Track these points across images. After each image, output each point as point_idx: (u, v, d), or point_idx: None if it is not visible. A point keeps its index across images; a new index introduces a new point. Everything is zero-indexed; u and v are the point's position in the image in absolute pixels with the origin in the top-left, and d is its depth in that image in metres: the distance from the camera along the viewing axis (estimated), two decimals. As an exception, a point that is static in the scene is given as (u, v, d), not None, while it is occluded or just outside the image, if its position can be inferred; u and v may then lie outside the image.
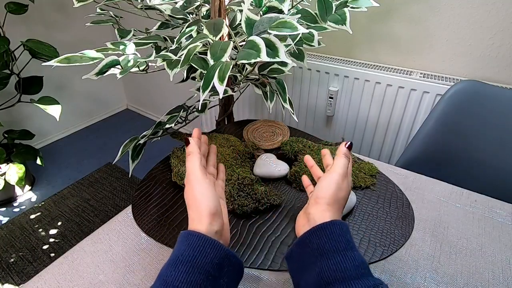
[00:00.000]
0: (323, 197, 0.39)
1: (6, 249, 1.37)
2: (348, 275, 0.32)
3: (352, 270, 0.32)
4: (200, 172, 0.39)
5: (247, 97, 1.45)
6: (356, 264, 0.33)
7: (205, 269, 0.32)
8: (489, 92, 0.77)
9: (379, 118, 1.15)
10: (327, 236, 0.35)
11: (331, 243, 0.35)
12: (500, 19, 0.90)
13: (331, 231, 0.35)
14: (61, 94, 2.04)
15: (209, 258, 0.33)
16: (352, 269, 0.32)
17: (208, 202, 0.37)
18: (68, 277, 0.47)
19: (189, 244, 0.34)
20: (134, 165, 0.70)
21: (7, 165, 1.49)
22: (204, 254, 0.33)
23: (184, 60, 0.50)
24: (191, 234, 0.34)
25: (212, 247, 0.34)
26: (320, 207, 0.39)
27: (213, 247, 0.34)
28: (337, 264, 0.33)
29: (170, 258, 0.34)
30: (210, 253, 0.33)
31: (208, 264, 0.33)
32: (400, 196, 0.61)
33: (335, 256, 0.33)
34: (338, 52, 1.22)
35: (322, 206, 0.39)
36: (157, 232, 0.53)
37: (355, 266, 0.33)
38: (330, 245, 0.34)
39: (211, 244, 0.34)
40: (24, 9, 1.40)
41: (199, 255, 0.33)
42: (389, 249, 0.50)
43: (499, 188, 0.75)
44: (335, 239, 0.35)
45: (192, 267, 0.32)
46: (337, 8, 0.65)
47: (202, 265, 0.32)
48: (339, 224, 0.36)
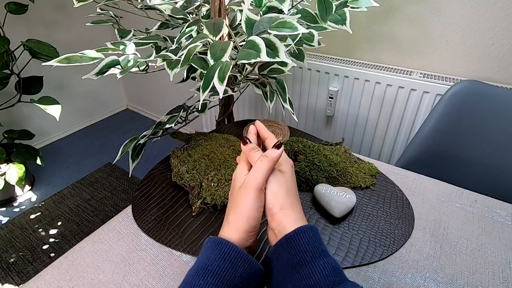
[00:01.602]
0: (272, 206, 0.36)
1: (6, 249, 1.37)
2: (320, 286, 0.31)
3: (322, 281, 0.31)
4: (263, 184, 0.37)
5: (247, 97, 1.45)
6: (325, 274, 0.31)
7: (234, 283, 0.31)
8: (489, 92, 0.77)
9: (379, 118, 1.15)
10: (293, 247, 0.33)
11: (298, 254, 0.33)
12: (500, 19, 0.90)
13: (296, 241, 0.33)
14: (61, 94, 2.04)
15: (239, 272, 0.32)
16: (322, 280, 0.31)
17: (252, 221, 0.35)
18: (68, 277, 0.47)
19: (220, 254, 0.32)
20: (134, 165, 0.70)
21: (7, 165, 1.49)
22: (234, 267, 0.32)
23: (184, 60, 0.50)
24: (223, 244, 0.33)
25: (243, 261, 0.33)
26: (277, 218, 0.36)
27: (244, 261, 0.33)
28: (307, 279, 0.31)
29: (197, 263, 0.33)
30: (240, 266, 0.32)
31: (238, 278, 0.32)
32: (400, 196, 0.61)
33: (304, 269, 0.32)
34: (338, 52, 1.22)
35: (278, 216, 0.36)
36: (157, 232, 0.53)
37: (325, 276, 0.31)
38: (298, 257, 0.33)
39: (243, 258, 0.33)
40: (24, 9, 1.40)
41: (229, 267, 0.32)
42: (389, 249, 0.50)
43: (499, 188, 0.75)
44: (301, 249, 0.33)
45: (221, 279, 0.31)
46: (337, 8, 0.65)
47: (231, 278, 0.31)
48: (304, 231, 0.34)
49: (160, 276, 0.47)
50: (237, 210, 0.36)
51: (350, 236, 0.52)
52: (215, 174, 0.60)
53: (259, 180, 0.36)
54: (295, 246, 0.33)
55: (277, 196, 0.37)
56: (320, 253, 0.33)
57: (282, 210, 0.36)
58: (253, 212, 0.35)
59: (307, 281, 0.31)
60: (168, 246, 0.51)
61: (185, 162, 0.63)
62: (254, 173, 0.37)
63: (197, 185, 0.59)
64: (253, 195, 0.36)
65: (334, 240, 0.52)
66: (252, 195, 0.35)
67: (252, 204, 0.35)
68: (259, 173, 0.36)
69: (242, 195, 0.36)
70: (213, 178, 0.59)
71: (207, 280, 0.31)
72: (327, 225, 0.55)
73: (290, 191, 0.38)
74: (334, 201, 0.55)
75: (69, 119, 2.16)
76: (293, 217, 0.36)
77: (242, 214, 0.35)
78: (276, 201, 0.36)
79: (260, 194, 0.36)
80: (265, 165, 0.37)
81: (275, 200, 0.36)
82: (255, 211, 0.36)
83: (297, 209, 0.37)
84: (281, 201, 0.36)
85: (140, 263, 0.49)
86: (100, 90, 2.29)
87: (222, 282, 0.31)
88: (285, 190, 0.37)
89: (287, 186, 0.38)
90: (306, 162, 0.64)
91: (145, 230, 0.54)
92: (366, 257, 0.49)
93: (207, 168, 0.61)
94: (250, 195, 0.36)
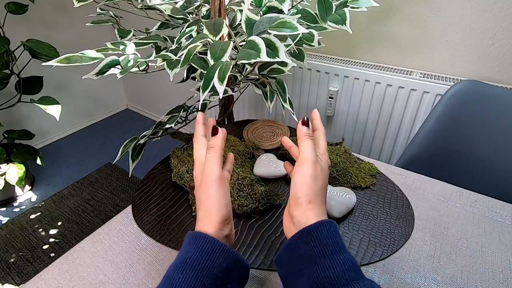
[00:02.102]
0: (302, 196, 0.36)
1: (6, 249, 1.37)
2: (338, 280, 0.31)
3: (341, 275, 0.31)
4: (219, 173, 0.37)
5: (247, 97, 1.45)
6: (345, 268, 0.31)
7: (213, 274, 0.32)
8: (489, 92, 0.77)
9: (379, 118, 1.15)
10: (313, 240, 0.33)
11: (318, 247, 0.33)
12: (500, 19, 0.90)
13: (317, 234, 0.33)
14: (61, 94, 2.04)
15: (217, 263, 0.32)
16: (342, 274, 0.31)
17: (222, 208, 0.36)
18: (68, 277, 0.47)
19: (198, 247, 0.33)
20: (134, 165, 0.70)
21: (7, 165, 1.49)
22: (213, 259, 0.32)
23: (184, 60, 0.50)
24: (200, 237, 0.34)
25: (221, 252, 0.33)
26: (302, 208, 0.36)
27: (222, 251, 0.33)
28: (326, 270, 0.31)
29: (177, 259, 0.33)
30: (219, 257, 0.33)
31: (217, 268, 0.32)
32: (400, 196, 0.61)
33: (323, 261, 0.32)
34: (338, 52, 1.22)
35: (303, 206, 0.36)
36: (157, 232, 0.53)
37: (345, 270, 0.31)
38: (317, 249, 0.33)
39: (220, 248, 0.33)
40: (24, 9, 1.40)
41: (208, 259, 0.32)
42: (389, 249, 0.50)
43: (499, 188, 0.75)
44: (322, 242, 0.33)
45: (200, 272, 0.31)
46: (337, 8, 0.65)
47: (211, 269, 0.32)
48: (325, 225, 0.34)
49: (160, 276, 0.47)
50: (205, 206, 0.37)
51: (350, 236, 0.52)
52: (215, 174, 0.60)
53: (214, 171, 0.37)
54: (315, 239, 0.33)
55: (309, 189, 0.37)
56: (340, 248, 0.33)
57: (310, 203, 0.36)
58: (221, 201, 0.36)
59: (326, 272, 0.31)
60: (168, 246, 0.51)
61: (185, 162, 0.63)
62: (207, 166, 0.37)
63: (197, 185, 0.59)
64: (215, 187, 0.36)
65: (334, 240, 0.52)
66: (213, 187, 0.36)
67: (216, 195, 0.36)
68: (211, 165, 0.37)
69: (203, 191, 0.37)
70: (213, 178, 0.59)
71: (186, 273, 0.31)
72: (327, 225, 0.54)
73: (322, 189, 0.38)
74: (334, 201, 0.55)
75: (69, 119, 2.16)
76: (317, 211, 0.36)
77: (211, 208, 0.36)
78: (307, 192, 0.36)
79: (221, 182, 0.37)
80: (214, 155, 0.38)
81: (307, 191, 0.37)
82: (223, 199, 0.36)
83: (323, 207, 0.38)
84: (312, 196, 0.37)
85: (140, 263, 0.49)
86: (100, 90, 2.29)
87: (201, 274, 0.31)
88: (319, 187, 0.38)
89: (323, 184, 0.39)
90: (306, 162, 0.64)
91: (145, 230, 0.54)
92: (366, 257, 0.49)
93: (207, 168, 0.61)
94: (212, 188, 0.36)
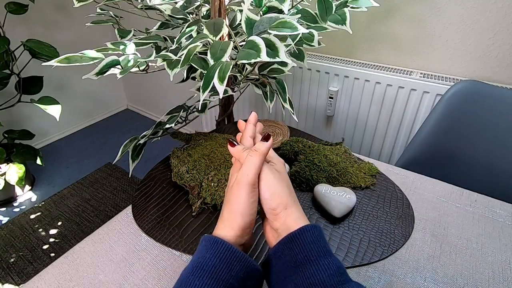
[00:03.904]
0: (277, 206, 0.36)
1: (6, 249, 1.37)
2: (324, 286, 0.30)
3: (327, 281, 0.30)
4: (254, 180, 0.36)
5: (247, 97, 1.45)
6: (330, 273, 0.31)
7: (229, 283, 0.31)
8: (489, 92, 0.77)
9: (379, 118, 1.15)
10: (297, 246, 0.33)
11: (302, 253, 0.32)
12: (500, 19, 0.90)
13: (301, 240, 0.33)
14: (61, 94, 2.04)
15: (235, 272, 0.32)
16: (327, 279, 0.31)
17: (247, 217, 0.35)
18: (68, 277, 0.47)
19: (216, 254, 0.32)
20: (134, 165, 0.70)
21: (7, 165, 1.49)
22: (230, 267, 0.32)
23: (184, 60, 0.50)
24: (218, 243, 0.33)
25: (239, 261, 0.32)
26: (281, 218, 0.35)
27: (240, 260, 0.33)
28: (311, 277, 0.31)
29: (193, 263, 0.33)
30: (236, 266, 0.32)
31: (233, 277, 0.32)
32: (400, 196, 0.61)
33: (308, 268, 0.31)
34: (338, 52, 1.22)
35: (282, 215, 0.35)
36: (157, 232, 0.53)
37: (329, 275, 0.31)
38: (302, 255, 0.32)
39: (238, 257, 0.33)
40: (24, 9, 1.40)
41: (225, 267, 0.32)
42: (389, 249, 0.50)
43: (499, 188, 0.75)
44: (306, 248, 0.32)
45: (216, 280, 0.31)
46: (337, 8, 0.65)
47: (227, 278, 0.31)
48: (309, 230, 0.33)
49: (160, 276, 0.47)
50: (231, 207, 0.36)
51: (350, 236, 0.52)
52: (215, 174, 0.60)
53: (250, 176, 0.36)
54: (299, 245, 0.33)
55: (280, 195, 0.36)
56: (325, 253, 0.33)
57: (287, 209, 0.35)
58: (247, 208, 0.35)
59: (311, 279, 0.31)
60: (168, 246, 0.51)
61: (185, 162, 0.63)
62: (245, 169, 0.36)
63: (197, 185, 0.59)
64: (246, 191, 0.35)
65: (334, 240, 0.52)
66: (245, 191, 0.35)
67: (245, 200, 0.35)
68: (249, 169, 0.36)
69: (235, 192, 0.36)
70: (213, 178, 0.59)
71: (203, 281, 0.30)
72: (327, 225, 0.55)
73: (289, 189, 0.38)
74: (334, 201, 0.55)
75: (69, 119, 2.16)
76: (296, 215, 0.36)
77: (236, 211, 0.35)
78: (280, 201, 0.36)
79: (253, 189, 0.36)
80: (255, 160, 0.36)
81: (279, 200, 0.36)
82: (249, 207, 0.36)
83: (299, 207, 0.37)
84: (285, 201, 0.36)
85: (140, 263, 0.49)
86: (100, 90, 2.29)
87: (218, 282, 0.31)
88: (287, 189, 0.37)
89: (288, 184, 0.38)
90: (306, 162, 0.64)
91: (145, 230, 0.54)
92: (366, 257, 0.49)
93: (207, 168, 0.61)
94: (243, 191, 0.35)
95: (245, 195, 0.35)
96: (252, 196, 0.36)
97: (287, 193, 0.37)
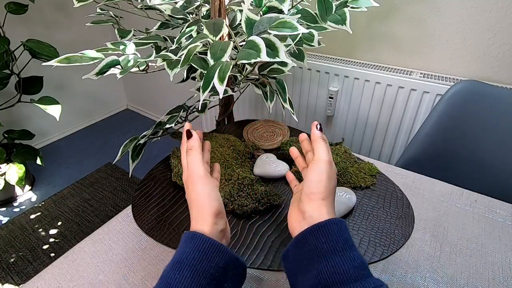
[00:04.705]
0: (317, 192, 0.37)
1: (6, 249, 1.37)
2: (347, 277, 0.31)
3: (351, 272, 0.31)
4: (203, 170, 0.39)
5: (247, 97, 1.45)
6: (355, 265, 0.31)
7: (210, 273, 0.32)
8: (489, 92, 0.77)
9: (379, 118, 1.15)
10: (324, 236, 0.33)
11: (329, 243, 0.33)
12: (500, 19, 0.90)
13: (328, 230, 0.34)
14: (61, 94, 2.04)
15: (214, 262, 0.32)
16: (351, 270, 0.31)
17: (213, 202, 0.37)
18: (68, 277, 0.47)
19: (194, 247, 0.33)
20: (134, 165, 0.70)
21: (7, 165, 1.49)
22: (209, 258, 0.32)
23: (184, 60, 0.50)
24: (196, 236, 0.34)
25: (217, 251, 0.33)
26: (315, 204, 0.37)
27: (218, 251, 0.33)
28: (336, 266, 0.31)
29: (173, 259, 0.33)
30: (215, 257, 0.33)
31: (213, 268, 0.32)
32: (400, 196, 0.61)
33: (333, 258, 0.32)
34: (338, 52, 1.22)
35: (317, 202, 0.37)
36: (157, 232, 0.53)
37: (354, 267, 0.31)
38: (328, 245, 0.33)
39: (216, 248, 0.33)
40: (24, 9, 1.40)
41: (204, 259, 0.32)
42: (389, 249, 0.50)
43: (499, 188, 0.75)
44: (333, 239, 0.33)
45: (196, 271, 0.31)
46: (337, 8, 0.65)
47: (207, 269, 0.32)
48: (337, 223, 0.34)
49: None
50: (196, 204, 0.37)
51: (350, 236, 0.52)
52: (215, 174, 0.60)
53: (197, 169, 0.38)
54: (326, 235, 0.34)
55: (325, 187, 0.38)
56: (351, 246, 0.33)
57: (324, 200, 0.37)
58: (210, 195, 0.37)
59: (335, 268, 0.31)
60: (168, 246, 0.51)
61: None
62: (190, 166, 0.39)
63: (197, 185, 0.59)
64: (201, 183, 0.38)
65: (334, 240, 0.52)
66: (200, 184, 0.38)
67: (204, 190, 0.37)
68: (193, 164, 0.39)
69: (191, 189, 0.38)
70: (213, 178, 0.59)
71: (183, 274, 0.31)
72: (327, 225, 0.54)
73: (334, 189, 0.39)
74: (334, 201, 0.55)
75: (69, 119, 2.16)
76: (329, 209, 0.37)
77: (202, 203, 0.37)
78: (321, 189, 0.37)
79: (206, 178, 0.38)
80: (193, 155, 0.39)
81: (322, 188, 0.38)
82: (212, 193, 0.38)
83: (333, 205, 0.39)
84: (326, 193, 0.38)
85: (140, 263, 0.49)
86: (100, 90, 2.29)
87: (198, 273, 0.31)
88: (332, 186, 0.39)
89: (334, 184, 0.40)
90: (306, 162, 0.64)
91: (145, 230, 0.54)
92: (366, 257, 0.49)
93: (207, 168, 0.61)
94: (199, 184, 0.38)
95: (202, 186, 0.38)
96: (208, 183, 0.38)
97: (331, 189, 0.38)
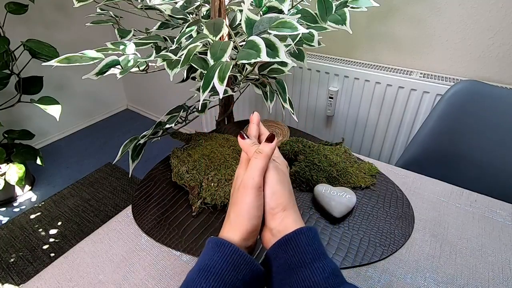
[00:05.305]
0: (275, 206, 0.35)
1: (6, 249, 1.37)
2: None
3: (322, 283, 0.30)
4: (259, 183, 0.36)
5: (247, 97, 1.45)
6: (325, 276, 0.31)
7: (236, 286, 0.31)
8: (489, 92, 0.77)
9: (379, 118, 1.15)
10: (292, 249, 0.32)
11: (297, 256, 0.32)
12: (500, 19, 0.90)
13: (296, 242, 0.33)
14: (61, 94, 2.04)
15: (241, 275, 0.31)
16: (322, 281, 0.30)
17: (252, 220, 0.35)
18: (68, 277, 0.47)
19: (223, 256, 0.32)
20: (134, 165, 0.70)
21: (7, 165, 1.49)
22: (237, 270, 0.31)
23: (184, 60, 0.50)
24: (225, 245, 0.32)
25: (246, 264, 0.32)
26: (278, 218, 0.35)
27: (247, 263, 0.32)
28: (306, 280, 0.30)
29: (199, 265, 0.32)
30: (243, 269, 0.32)
31: (240, 281, 0.31)
32: (400, 196, 0.61)
33: (303, 271, 0.31)
34: (338, 52, 1.22)
35: (279, 216, 0.35)
36: (157, 232, 0.53)
37: (325, 278, 0.30)
38: (296, 258, 0.32)
39: (245, 261, 0.32)
40: (24, 9, 1.40)
41: (232, 270, 0.31)
42: (389, 249, 0.50)
43: (499, 188, 0.75)
44: (301, 250, 0.32)
45: (223, 283, 0.30)
46: (337, 8, 0.65)
47: (234, 281, 0.31)
48: (305, 232, 0.33)
49: (160, 276, 0.47)
50: (238, 210, 0.35)
51: (350, 236, 0.52)
52: (215, 174, 0.60)
53: (256, 179, 0.35)
54: (294, 247, 0.32)
55: (281, 196, 0.36)
56: (320, 255, 0.32)
57: (285, 211, 0.35)
58: (254, 211, 0.35)
59: (306, 283, 0.31)
60: (168, 246, 0.51)
61: (185, 162, 0.63)
62: (250, 172, 0.36)
63: (197, 185, 0.59)
64: (252, 195, 0.35)
65: (334, 240, 0.52)
66: (251, 195, 0.35)
67: (251, 203, 0.35)
68: (254, 172, 0.36)
69: (241, 195, 0.36)
70: (213, 178, 0.59)
71: (209, 283, 0.30)
72: (327, 225, 0.55)
73: (291, 192, 0.38)
74: (334, 201, 0.55)
75: (69, 119, 2.16)
76: (293, 218, 0.35)
77: (243, 214, 0.35)
78: (280, 201, 0.36)
79: (258, 192, 0.36)
80: (260, 162, 0.36)
81: (279, 200, 0.36)
82: (256, 210, 0.35)
83: (297, 210, 0.37)
84: (285, 202, 0.36)
85: (140, 263, 0.49)
86: (100, 90, 2.28)
87: (225, 285, 0.30)
88: (288, 190, 0.37)
89: (289, 187, 0.38)
90: (306, 162, 0.64)
91: (145, 230, 0.54)
92: (366, 257, 0.49)
93: (207, 168, 0.61)
94: (249, 195, 0.35)
95: (251, 198, 0.35)
96: (258, 199, 0.35)
97: (287, 195, 0.36)
